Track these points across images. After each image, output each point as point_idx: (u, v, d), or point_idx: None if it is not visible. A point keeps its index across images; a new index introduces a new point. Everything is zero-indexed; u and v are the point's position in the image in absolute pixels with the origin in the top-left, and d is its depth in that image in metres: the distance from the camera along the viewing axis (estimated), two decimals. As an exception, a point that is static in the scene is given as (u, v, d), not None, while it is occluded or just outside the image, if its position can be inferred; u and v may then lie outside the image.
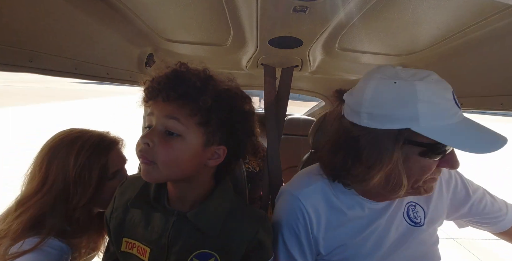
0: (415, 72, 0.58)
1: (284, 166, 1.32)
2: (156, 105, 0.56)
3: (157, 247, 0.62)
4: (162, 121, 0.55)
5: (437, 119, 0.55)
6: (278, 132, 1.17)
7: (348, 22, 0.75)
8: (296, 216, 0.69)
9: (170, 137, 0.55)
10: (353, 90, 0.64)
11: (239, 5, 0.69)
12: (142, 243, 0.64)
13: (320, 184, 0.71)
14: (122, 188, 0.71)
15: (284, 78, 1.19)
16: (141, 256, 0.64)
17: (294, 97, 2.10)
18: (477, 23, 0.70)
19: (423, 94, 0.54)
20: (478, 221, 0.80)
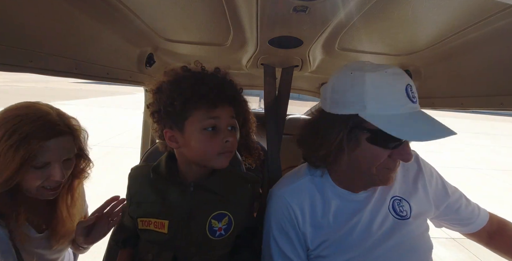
0: (376, 66, 0.64)
1: (284, 166, 1.32)
2: (223, 109, 0.69)
3: (176, 218, 0.73)
4: (229, 121, 0.70)
5: (383, 108, 0.60)
6: (278, 132, 1.17)
7: (348, 22, 0.75)
8: (282, 214, 0.74)
9: (234, 131, 0.72)
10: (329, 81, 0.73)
11: (239, 5, 0.69)
12: (159, 218, 0.74)
13: (304, 181, 0.77)
14: (131, 179, 0.82)
15: (284, 78, 1.19)
16: (159, 229, 0.74)
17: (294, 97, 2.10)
18: (477, 23, 0.70)
19: (371, 83, 0.60)
20: (452, 222, 0.84)
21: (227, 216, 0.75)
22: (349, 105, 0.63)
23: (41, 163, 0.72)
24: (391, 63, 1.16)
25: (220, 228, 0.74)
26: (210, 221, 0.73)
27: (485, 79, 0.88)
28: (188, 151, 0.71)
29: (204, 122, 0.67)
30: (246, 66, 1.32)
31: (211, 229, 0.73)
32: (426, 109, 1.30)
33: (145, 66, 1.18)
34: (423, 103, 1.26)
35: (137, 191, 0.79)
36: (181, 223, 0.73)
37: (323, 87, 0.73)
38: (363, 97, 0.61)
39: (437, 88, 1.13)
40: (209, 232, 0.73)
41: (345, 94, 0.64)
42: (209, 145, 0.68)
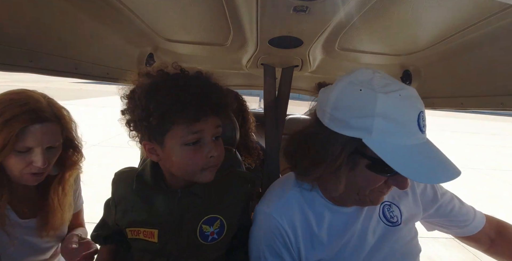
0: (388, 83, 0.56)
1: (283, 166, 1.32)
2: (206, 121, 0.61)
3: (166, 226, 0.70)
4: (213, 132, 0.64)
5: (390, 137, 0.53)
6: (278, 132, 1.17)
7: (348, 22, 0.75)
8: (274, 235, 0.68)
9: (218, 141, 0.66)
10: (328, 87, 0.64)
11: (239, 5, 0.69)
12: (148, 227, 0.71)
13: (292, 194, 0.71)
14: (114, 185, 0.77)
15: (284, 78, 1.19)
16: (149, 238, 0.71)
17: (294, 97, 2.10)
18: (477, 23, 0.70)
19: (382, 108, 0.52)
20: (446, 224, 0.81)
21: (218, 219, 0.71)
22: (353, 128, 0.55)
23: (22, 148, 0.72)
24: (391, 63, 1.17)
25: (212, 232, 0.71)
26: (200, 226, 0.70)
27: (485, 79, 0.88)
28: (170, 166, 0.65)
29: (185, 137, 0.60)
30: (246, 66, 1.32)
31: (203, 234, 0.70)
32: (426, 109, 1.30)
33: (145, 66, 1.18)
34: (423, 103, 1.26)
35: (123, 198, 0.74)
36: (171, 231, 0.70)
37: (322, 96, 0.64)
38: (371, 122, 0.53)
39: (437, 88, 1.13)
40: (201, 238, 0.70)
41: (350, 114, 0.55)
42: (191, 161, 0.62)
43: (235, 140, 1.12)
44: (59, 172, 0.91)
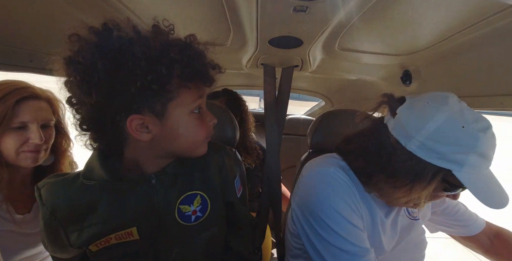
0: (476, 118, 0.58)
1: (283, 166, 1.32)
2: (203, 86, 0.56)
3: (146, 218, 0.59)
4: (205, 100, 0.59)
5: (479, 170, 0.57)
6: (278, 132, 1.17)
7: (348, 22, 0.75)
8: (347, 187, 0.67)
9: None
10: (413, 109, 0.61)
11: (239, 5, 0.69)
12: (119, 230, 0.58)
13: (342, 171, 0.71)
14: (49, 201, 0.56)
15: (284, 78, 1.19)
16: (126, 239, 0.58)
17: (294, 97, 2.10)
18: (478, 23, 0.70)
19: (481, 147, 0.55)
20: (450, 223, 0.88)
21: (198, 195, 0.63)
22: (446, 160, 0.56)
23: (17, 123, 0.73)
24: (391, 63, 1.17)
25: (194, 211, 0.63)
26: (178, 208, 0.61)
27: (485, 79, 0.88)
28: (171, 141, 0.55)
29: (194, 104, 0.53)
30: (246, 66, 1.32)
31: (183, 215, 0.62)
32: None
33: None
34: (423, 103, 1.26)
35: (70, 213, 0.56)
36: (152, 222, 0.60)
37: (409, 117, 0.61)
38: (466, 158, 0.55)
39: (437, 88, 1.13)
40: (183, 220, 0.62)
41: (449, 149, 0.56)
42: (200, 130, 0.56)
43: (235, 140, 1.12)
44: (55, 160, 0.92)
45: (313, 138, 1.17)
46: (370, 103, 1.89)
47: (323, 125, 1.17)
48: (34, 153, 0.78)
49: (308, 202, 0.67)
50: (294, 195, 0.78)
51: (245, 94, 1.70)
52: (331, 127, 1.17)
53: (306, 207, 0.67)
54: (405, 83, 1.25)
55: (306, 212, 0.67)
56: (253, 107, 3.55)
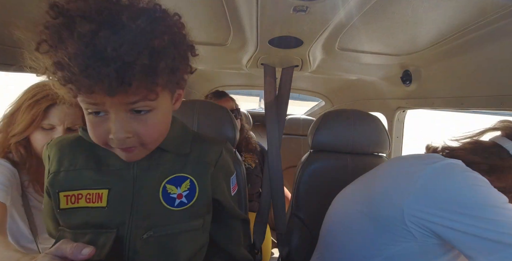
0: None
1: (284, 166, 1.32)
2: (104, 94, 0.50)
3: (118, 185, 0.56)
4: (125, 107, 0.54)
5: None
6: (278, 132, 1.17)
7: (348, 22, 0.75)
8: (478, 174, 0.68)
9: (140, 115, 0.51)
10: None
11: (239, 5, 0.69)
12: (93, 188, 0.55)
13: None
14: (54, 146, 0.59)
15: (284, 78, 1.19)
16: (93, 204, 0.55)
17: (294, 97, 2.11)
18: (477, 23, 0.70)
19: None
20: None
21: (188, 179, 0.59)
22: None
23: (47, 125, 0.82)
24: (391, 63, 1.17)
25: (180, 194, 0.58)
26: (164, 186, 0.57)
27: (485, 79, 0.88)
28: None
29: (83, 103, 0.49)
30: (246, 66, 1.32)
31: (167, 196, 0.57)
32: (426, 109, 1.31)
33: None
34: (423, 103, 1.26)
35: (62, 157, 0.58)
36: (126, 190, 0.55)
37: None
38: None
39: (437, 88, 1.13)
40: (165, 200, 0.57)
41: None
42: (92, 133, 0.51)
43: (235, 140, 1.12)
44: None
45: (314, 138, 1.17)
46: (370, 103, 1.90)
47: (324, 125, 1.17)
48: None
49: (453, 195, 0.61)
50: (406, 195, 0.67)
51: (245, 94, 1.70)
52: (332, 127, 1.17)
53: (452, 201, 0.61)
54: (405, 83, 1.25)
55: (453, 207, 0.60)
56: (253, 107, 3.56)
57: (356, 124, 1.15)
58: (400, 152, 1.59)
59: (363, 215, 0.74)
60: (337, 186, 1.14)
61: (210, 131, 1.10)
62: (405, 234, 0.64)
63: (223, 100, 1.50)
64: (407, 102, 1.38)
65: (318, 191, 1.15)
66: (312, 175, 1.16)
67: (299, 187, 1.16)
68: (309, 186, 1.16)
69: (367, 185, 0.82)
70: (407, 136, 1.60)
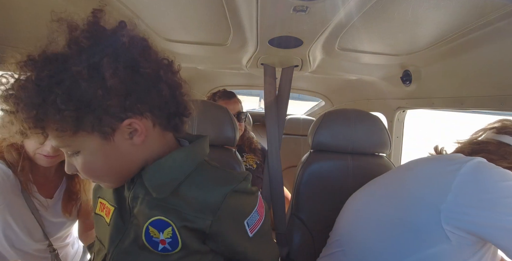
0: None
1: (284, 166, 1.32)
2: None
3: (123, 206, 0.56)
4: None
5: None
6: (278, 132, 1.17)
7: (348, 22, 0.75)
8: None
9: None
10: None
11: (239, 5, 0.69)
12: (109, 202, 0.58)
13: None
14: None
15: (284, 78, 1.19)
16: (106, 216, 0.58)
17: (294, 97, 2.11)
18: (477, 23, 0.70)
19: None
20: None
21: (170, 227, 0.51)
22: None
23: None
24: (391, 63, 1.17)
25: (163, 240, 0.52)
26: (147, 227, 0.52)
27: (485, 79, 0.88)
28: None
29: None
30: (246, 66, 1.32)
31: (150, 238, 0.52)
32: (426, 109, 1.31)
33: None
34: (423, 103, 1.26)
35: None
36: (126, 215, 0.55)
37: None
38: None
39: (437, 88, 1.13)
40: (147, 241, 0.52)
41: None
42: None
43: (235, 140, 1.12)
44: None
45: (314, 138, 1.17)
46: (370, 103, 1.90)
47: (324, 125, 1.17)
48: (48, 157, 0.85)
49: (492, 191, 0.62)
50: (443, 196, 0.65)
51: (245, 94, 1.70)
52: (332, 127, 1.16)
53: (491, 197, 0.61)
54: (405, 83, 1.25)
55: (492, 203, 0.61)
56: (253, 107, 3.56)
57: (357, 124, 1.15)
58: (400, 152, 1.59)
59: (393, 219, 0.72)
60: (338, 186, 1.14)
61: (210, 131, 1.10)
62: (440, 236, 0.63)
63: (233, 101, 1.50)
64: (407, 102, 1.38)
65: (318, 191, 1.15)
66: (312, 175, 1.16)
67: (299, 187, 1.16)
68: (309, 186, 1.15)
69: (394, 188, 0.79)
70: (407, 136, 1.60)
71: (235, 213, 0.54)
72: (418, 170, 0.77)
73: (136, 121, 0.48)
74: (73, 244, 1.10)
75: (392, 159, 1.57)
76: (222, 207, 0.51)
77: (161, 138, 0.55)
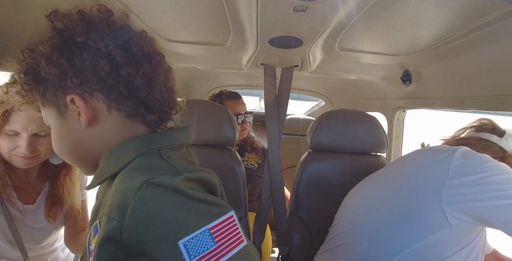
0: None
1: (284, 165, 1.32)
2: None
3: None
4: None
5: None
6: (278, 132, 1.17)
7: (348, 22, 0.75)
8: None
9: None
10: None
11: (239, 5, 0.69)
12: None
13: None
14: None
15: (284, 78, 1.19)
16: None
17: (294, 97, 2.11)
18: (477, 23, 0.70)
19: None
20: None
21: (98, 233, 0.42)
22: None
23: (10, 131, 0.77)
24: (391, 63, 1.17)
25: (92, 250, 0.42)
26: (91, 231, 0.45)
27: (485, 79, 0.88)
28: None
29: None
30: (246, 66, 1.32)
31: (89, 246, 0.45)
32: (426, 109, 1.31)
33: None
34: (423, 103, 1.26)
35: None
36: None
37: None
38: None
39: (437, 88, 1.13)
40: (88, 249, 0.45)
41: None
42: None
43: (235, 140, 1.12)
44: (63, 161, 0.92)
45: (313, 138, 1.18)
46: (370, 103, 1.90)
47: (323, 125, 1.17)
48: (25, 159, 0.80)
49: (483, 172, 0.68)
50: (442, 181, 0.70)
51: (245, 94, 1.70)
52: (331, 127, 1.17)
53: (483, 177, 0.67)
54: (405, 83, 1.25)
55: (484, 182, 0.67)
56: (253, 107, 3.56)
57: (355, 124, 1.15)
58: (400, 152, 1.59)
59: (395, 210, 0.76)
60: (336, 186, 1.14)
61: (210, 131, 1.10)
62: (441, 221, 0.67)
63: (241, 101, 1.50)
64: (407, 102, 1.38)
65: (317, 190, 1.15)
66: (311, 174, 1.16)
67: (299, 187, 1.17)
68: (308, 185, 1.16)
69: (393, 182, 0.84)
70: (407, 136, 1.60)
71: (156, 219, 0.35)
72: (412, 162, 0.83)
73: (78, 99, 0.44)
74: (63, 249, 1.06)
75: (392, 159, 1.57)
76: (134, 205, 0.35)
77: (121, 127, 0.48)
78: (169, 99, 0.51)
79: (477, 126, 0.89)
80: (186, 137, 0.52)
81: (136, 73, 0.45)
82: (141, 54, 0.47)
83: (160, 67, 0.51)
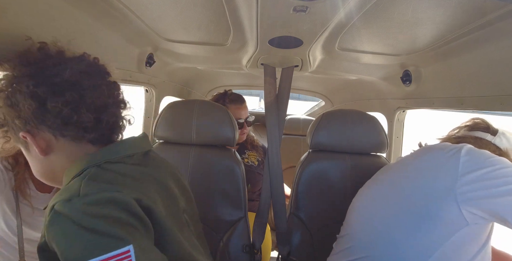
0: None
1: (284, 165, 1.32)
2: None
3: None
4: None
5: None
6: (278, 132, 1.17)
7: (348, 22, 0.75)
8: None
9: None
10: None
11: (239, 5, 0.69)
12: None
13: None
14: None
15: (284, 78, 1.19)
16: None
17: (294, 97, 2.11)
18: (477, 23, 0.70)
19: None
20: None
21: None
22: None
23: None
24: (391, 63, 1.17)
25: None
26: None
27: (485, 79, 0.88)
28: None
29: None
30: (246, 66, 1.32)
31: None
32: (426, 109, 1.31)
33: (145, 66, 1.18)
34: (423, 103, 1.26)
35: None
36: None
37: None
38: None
39: (437, 88, 1.13)
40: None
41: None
42: None
43: (234, 140, 1.12)
44: None
45: (313, 138, 1.18)
46: (370, 103, 1.90)
47: (323, 125, 1.17)
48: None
49: (489, 166, 0.70)
50: (454, 178, 0.71)
51: (245, 94, 1.70)
52: (331, 127, 1.17)
53: (490, 171, 0.69)
54: (405, 83, 1.25)
55: (491, 176, 0.68)
56: (253, 107, 3.56)
57: (355, 124, 1.15)
58: (400, 152, 1.59)
59: (411, 215, 0.75)
60: (336, 186, 1.14)
61: (210, 131, 1.10)
62: (458, 220, 0.68)
63: (244, 106, 1.50)
64: (407, 102, 1.38)
65: (317, 190, 1.15)
66: (311, 174, 1.16)
67: (298, 187, 1.17)
68: (308, 185, 1.16)
69: (397, 186, 0.82)
70: (407, 137, 1.60)
71: (56, 243, 0.39)
72: (417, 162, 0.82)
73: (26, 135, 0.50)
74: None
75: (392, 159, 1.57)
76: (46, 225, 0.41)
77: (72, 150, 0.53)
78: (108, 116, 0.54)
79: (471, 125, 0.91)
80: (136, 146, 0.57)
81: (59, 104, 0.49)
82: (65, 83, 0.50)
83: (92, 89, 0.53)
